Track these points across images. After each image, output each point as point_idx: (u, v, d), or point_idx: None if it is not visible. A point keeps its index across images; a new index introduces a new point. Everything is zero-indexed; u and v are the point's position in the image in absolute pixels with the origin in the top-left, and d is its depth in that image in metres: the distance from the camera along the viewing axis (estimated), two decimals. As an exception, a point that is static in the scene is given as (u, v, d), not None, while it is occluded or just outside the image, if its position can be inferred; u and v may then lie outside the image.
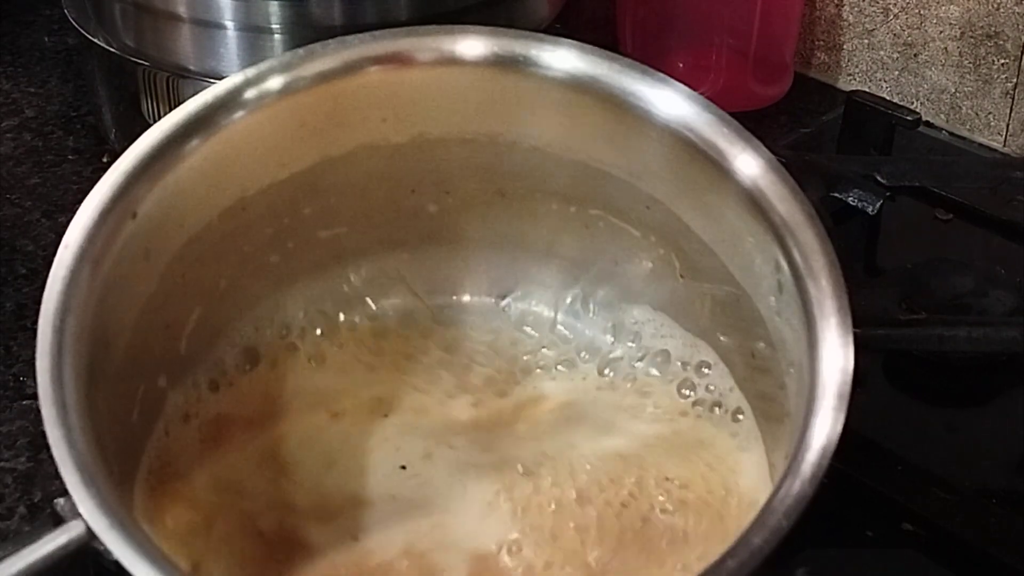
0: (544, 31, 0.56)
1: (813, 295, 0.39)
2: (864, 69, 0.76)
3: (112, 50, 0.66)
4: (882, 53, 0.75)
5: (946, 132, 0.74)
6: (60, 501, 0.36)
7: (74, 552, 0.35)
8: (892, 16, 0.73)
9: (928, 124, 0.73)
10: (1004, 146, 0.72)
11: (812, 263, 0.40)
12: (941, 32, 0.72)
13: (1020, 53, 0.69)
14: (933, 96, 0.74)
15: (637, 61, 0.45)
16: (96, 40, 0.67)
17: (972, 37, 0.71)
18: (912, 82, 0.74)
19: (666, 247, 0.48)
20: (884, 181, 0.61)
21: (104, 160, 0.70)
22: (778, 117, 0.75)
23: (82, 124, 0.74)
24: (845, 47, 0.76)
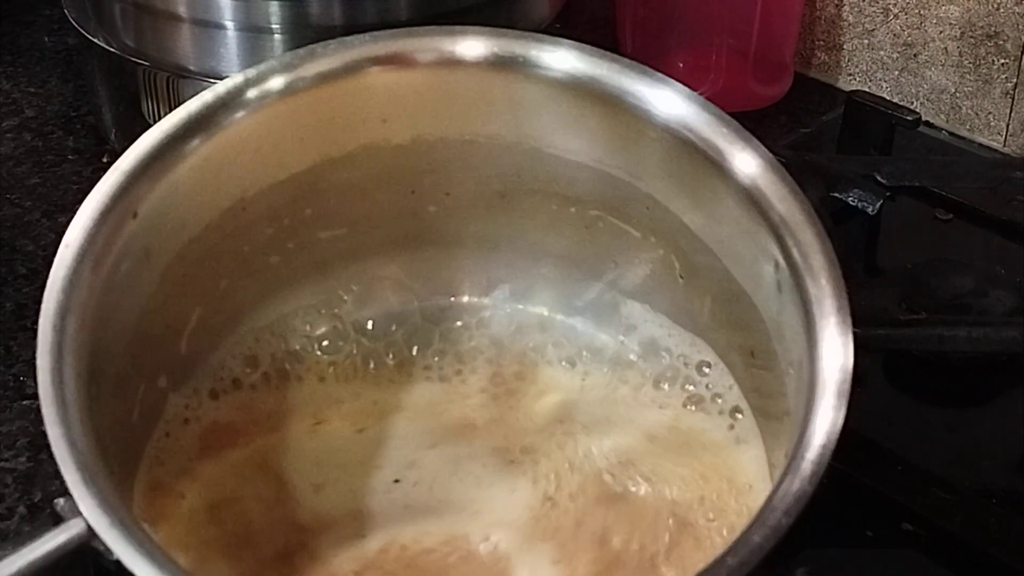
0: (544, 31, 0.56)
1: (812, 294, 0.39)
2: (864, 69, 0.76)
3: (112, 50, 0.66)
4: (882, 53, 0.75)
5: (946, 132, 0.74)
6: (60, 501, 0.36)
7: (74, 551, 0.35)
8: (892, 16, 0.73)
9: (928, 124, 0.73)
10: (1004, 146, 0.72)
11: (811, 262, 0.40)
12: (941, 32, 0.72)
13: (1020, 53, 0.69)
14: (933, 96, 0.74)
15: (637, 61, 0.45)
16: (96, 40, 0.67)
17: (972, 37, 0.71)
18: (912, 82, 0.74)
19: (665, 247, 0.48)
20: (884, 181, 0.61)
21: (104, 160, 0.70)
22: (778, 117, 0.75)
23: (82, 124, 0.74)
24: (845, 47, 0.76)
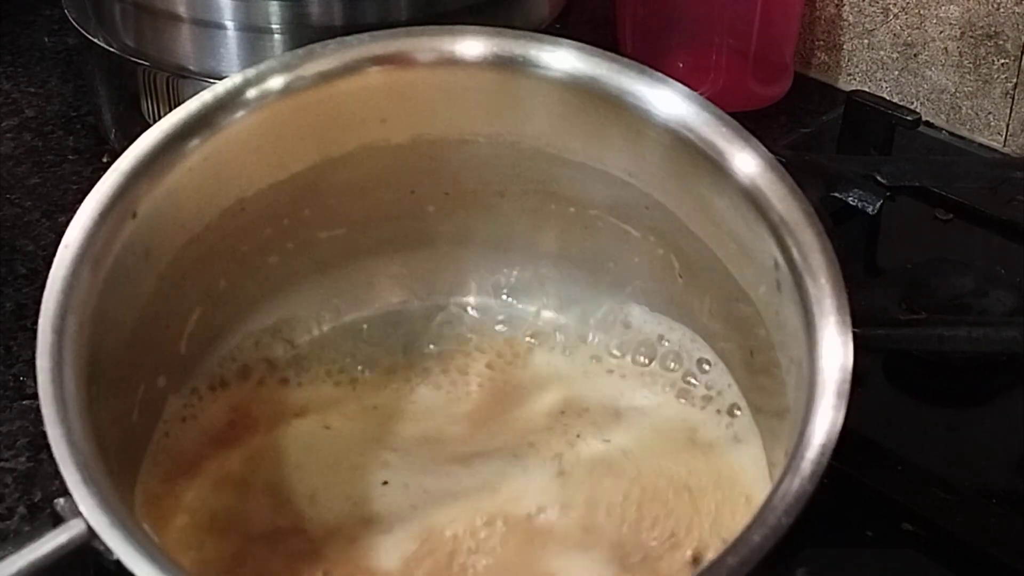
0: (544, 31, 0.56)
1: (812, 293, 0.39)
2: (864, 69, 0.76)
3: (112, 50, 0.66)
4: (882, 53, 0.75)
5: (946, 132, 0.74)
6: (60, 501, 0.36)
7: (74, 551, 0.35)
8: (892, 16, 0.73)
9: (928, 124, 0.73)
10: (1004, 146, 0.72)
11: (811, 261, 0.40)
12: (941, 32, 0.72)
13: (1020, 53, 0.69)
14: (933, 96, 0.74)
15: (637, 61, 0.45)
16: (96, 40, 0.67)
17: (972, 37, 0.71)
18: (912, 82, 0.74)
19: (665, 247, 0.48)
20: (884, 181, 0.61)
21: (104, 160, 0.70)
22: (778, 117, 0.75)
23: (82, 124, 0.74)
24: (845, 47, 0.76)
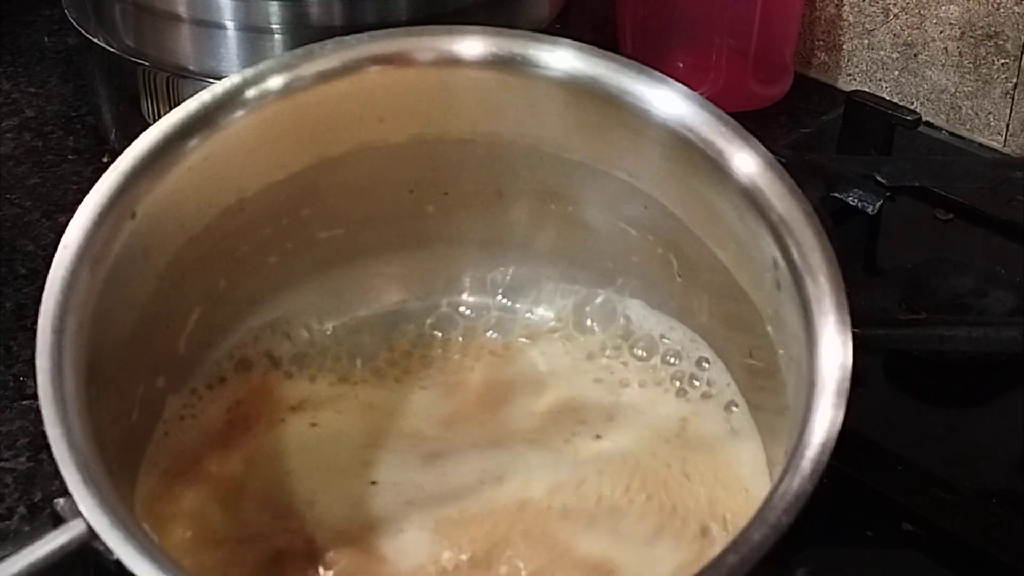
0: (544, 31, 0.56)
1: (811, 292, 0.39)
2: (864, 69, 0.76)
3: (112, 50, 0.66)
4: (882, 53, 0.75)
5: (946, 132, 0.74)
6: (60, 501, 0.36)
7: (74, 552, 0.35)
8: (892, 16, 0.73)
9: (928, 124, 0.73)
10: (1004, 146, 0.72)
11: (810, 260, 0.40)
12: (941, 32, 0.72)
13: (1020, 53, 0.69)
14: (933, 96, 0.74)
15: (637, 61, 0.45)
16: (96, 40, 0.67)
17: (972, 37, 0.71)
18: (912, 82, 0.74)
19: (664, 246, 0.48)
20: (884, 181, 0.61)
21: (104, 160, 0.70)
22: (778, 117, 0.75)
23: (82, 124, 0.74)
24: (845, 47, 0.76)
